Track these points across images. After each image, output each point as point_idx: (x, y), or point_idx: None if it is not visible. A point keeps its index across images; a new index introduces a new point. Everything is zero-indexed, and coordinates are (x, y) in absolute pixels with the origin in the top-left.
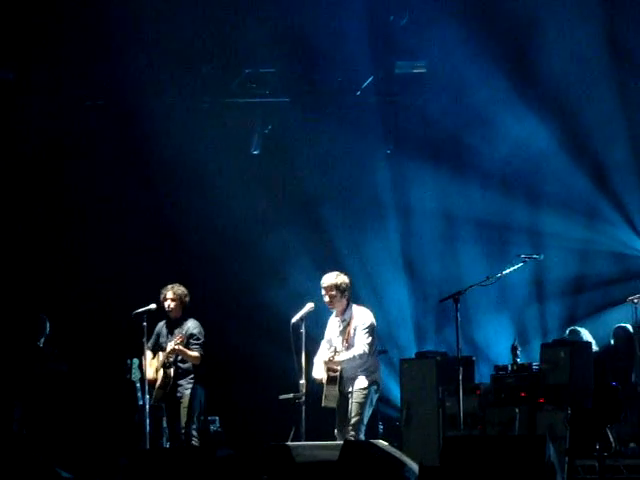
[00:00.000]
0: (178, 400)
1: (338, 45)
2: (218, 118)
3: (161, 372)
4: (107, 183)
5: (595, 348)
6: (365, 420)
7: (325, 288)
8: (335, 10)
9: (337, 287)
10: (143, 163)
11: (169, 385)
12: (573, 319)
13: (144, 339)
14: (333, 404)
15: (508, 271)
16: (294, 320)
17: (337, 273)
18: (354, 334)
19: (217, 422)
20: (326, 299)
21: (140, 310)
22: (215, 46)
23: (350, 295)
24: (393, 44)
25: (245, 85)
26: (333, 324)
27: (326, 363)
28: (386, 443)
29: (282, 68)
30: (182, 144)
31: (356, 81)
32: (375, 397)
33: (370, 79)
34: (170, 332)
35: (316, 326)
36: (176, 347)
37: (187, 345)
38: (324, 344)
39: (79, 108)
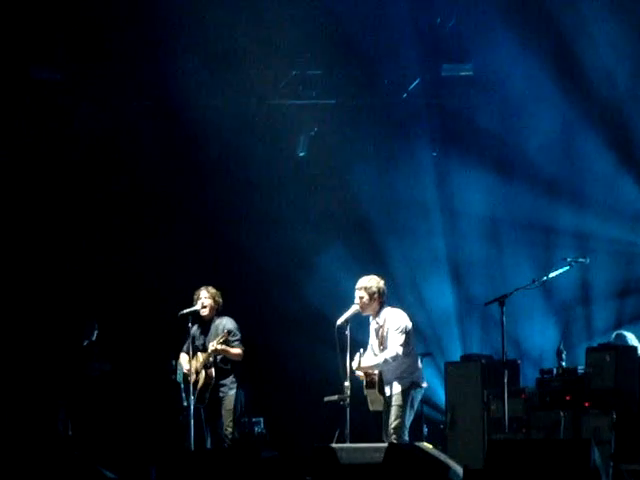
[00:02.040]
0: (219, 401)
1: (385, 48)
2: (265, 120)
3: (202, 373)
4: (154, 185)
5: None
6: (407, 423)
7: (357, 290)
8: (382, 13)
9: (366, 290)
10: (190, 165)
11: (210, 386)
12: (619, 323)
13: (190, 340)
14: (380, 407)
15: (554, 274)
16: (339, 322)
17: (371, 277)
18: (387, 336)
19: (261, 423)
20: (356, 300)
21: (186, 311)
22: (262, 48)
23: (383, 299)
24: (440, 47)
25: (292, 87)
26: (371, 328)
27: (356, 369)
28: (431, 446)
29: (329, 70)
30: (229, 145)
31: (403, 84)
32: (417, 398)
33: (417, 82)
34: (204, 333)
35: (361, 328)
36: (219, 347)
37: (227, 343)
38: (370, 351)
39: (127, 109)
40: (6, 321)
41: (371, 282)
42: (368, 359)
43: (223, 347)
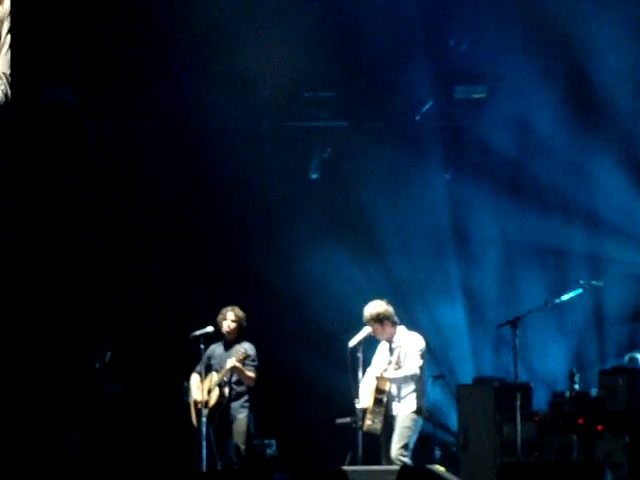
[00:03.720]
0: (230, 422)
1: (398, 69)
2: (277, 142)
3: (216, 391)
4: (168, 206)
5: None
6: (411, 445)
7: (367, 321)
8: (395, 34)
9: (374, 319)
10: (203, 186)
11: (222, 405)
12: (632, 346)
13: (205, 360)
14: (378, 428)
15: (567, 297)
16: (352, 344)
17: (377, 302)
18: (405, 357)
19: (274, 445)
20: (371, 330)
21: (197, 333)
22: (274, 69)
23: (393, 321)
24: (453, 69)
25: (304, 109)
26: (382, 350)
27: (377, 378)
28: (443, 468)
29: (341, 92)
30: (242, 167)
31: (416, 106)
32: (421, 423)
33: (430, 104)
34: (224, 355)
35: (373, 350)
36: (237, 364)
37: (243, 364)
38: (372, 373)
39: (140, 131)
40: (20, 342)
41: (378, 309)
42: (395, 372)
43: (240, 366)
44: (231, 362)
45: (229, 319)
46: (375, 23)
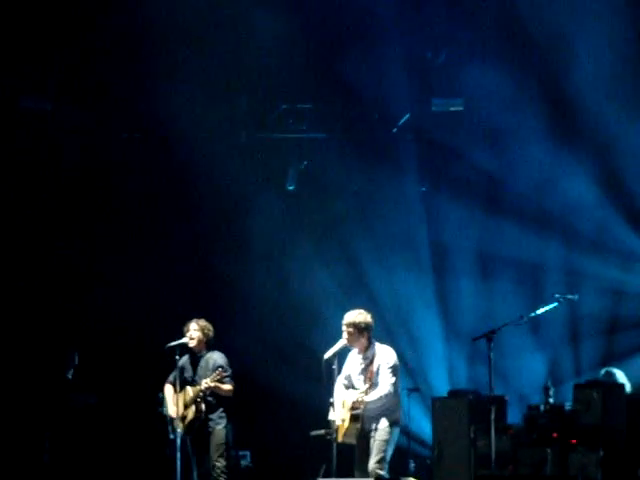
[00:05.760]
0: (207, 434)
1: (375, 82)
2: (254, 153)
3: (193, 407)
4: (143, 216)
5: (628, 390)
6: (388, 458)
7: (344, 325)
8: (372, 47)
9: (355, 325)
10: (179, 196)
11: (200, 420)
12: (607, 360)
13: (177, 373)
14: (353, 440)
15: (542, 310)
16: (327, 356)
17: (359, 311)
18: (377, 373)
19: (248, 457)
20: (344, 336)
21: (173, 343)
22: (252, 81)
23: (371, 334)
24: (430, 82)
25: (281, 120)
26: (353, 361)
27: (354, 403)
28: None
29: (319, 104)
30: (218, 178)
31: (392, 118)
32: (397, 436)
33: (406, 117)
34: (193, 366)
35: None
36: (212, 384)
37: (219, 380)
38: (340, 382)
39: (116, 140)
40: None
41: (359, 317)
42: (371, 395)
43: (216, 384)
44: (206, 383)
45: (192, 329)
46: (353, 36)
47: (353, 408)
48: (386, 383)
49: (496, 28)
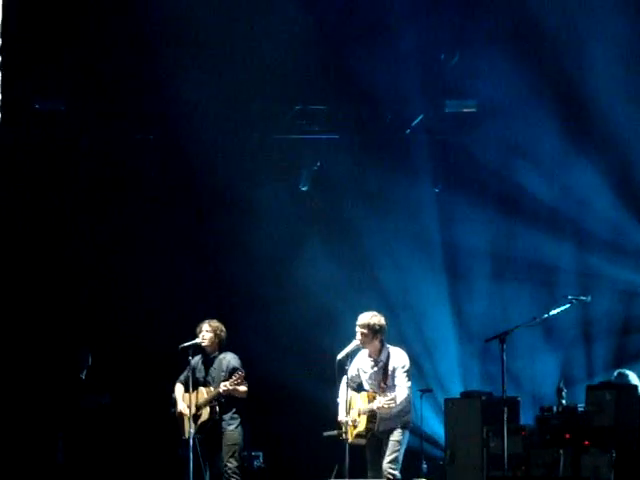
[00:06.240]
0: (219, 435)
1: (388, 83)
2: (267, 154)
3: (207, 409)
4: (156, 217)
5: None
6: (401, 459)
7: (358, 326)
8: (386, 48)
9: (369, 327)
10: (192, 198)
11: (214, 420)
12: (620, 361)
13: (189, 373)
14: (364, 441)
15: (555, 312)
16: (340, 357)
17: (373, 313)
18: (392, 376)
19: (261, 458)
20: (358, 337)
21: (187, 344)
22: (265, 82)
23: (384, 337)
24: (443, 83)
25: (295, 121)
26: (363, 363)
27: (379, 409)
28: None
29: (332, 105)
30: (232, 179)
31: (406, 119)
32: (408, 437)
33: (420, 118)
34: (206, 367)
35: None
36: (231, 387)
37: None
38: (345, 381)
39: (129, 141)
40: (4, 353)
41: (373, 319)
42: (393, 402)
43: (234, 387)
44: (225, 386)
45: (204, 330)
46: (366, 37)
47: (372, 413)
48: (404, 387)
49: (509, 29)
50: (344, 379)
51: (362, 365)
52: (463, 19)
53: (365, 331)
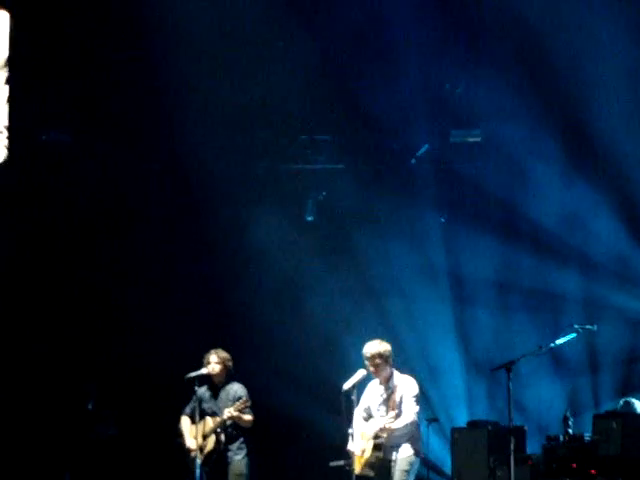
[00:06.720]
0: (225, 465)
1: (394, 113)
2: (273, 184)
3: (212, 437)
4: (162, 247)
5: None
6: None
7: (370, 357)
8: (391, 78)
9: (381, 355)
10: (198, 228)
11: (219, 450)
12: (626, 390)
13: (195, 403)
14: (372, 471)
15: (561, 341)
16: (346, 387)
17: (379, 341)
18: (400, 402)
19: None
20: (371, 369)
21: (193, 374)
22: (271, 112)
23: (392, 362)
24: (449, 113)
25: (300, 151)
26: (374, 392)
27: (380, 430)
28: None
29: (337, 135)
30: (237, 208)
31: (411, 149)
32: (417, 466)
33: (425, 147)
34: (214, 397)
35: None
36: (235, 413)
37: (240, 410)
38: (359, 413)
39: (135, 172)
40: (11, 384)
41: (382, 347)
42: (397, 422)
43: (238, 414)
44: (229, 412)
45: (213, 362)
46: (371, 67)
47: (376, 436)
48: (411, 411)
49: (514, 60)
50: (357, 409)
51: (373, 394)
52: (468, 49)
53: (378, 360)
